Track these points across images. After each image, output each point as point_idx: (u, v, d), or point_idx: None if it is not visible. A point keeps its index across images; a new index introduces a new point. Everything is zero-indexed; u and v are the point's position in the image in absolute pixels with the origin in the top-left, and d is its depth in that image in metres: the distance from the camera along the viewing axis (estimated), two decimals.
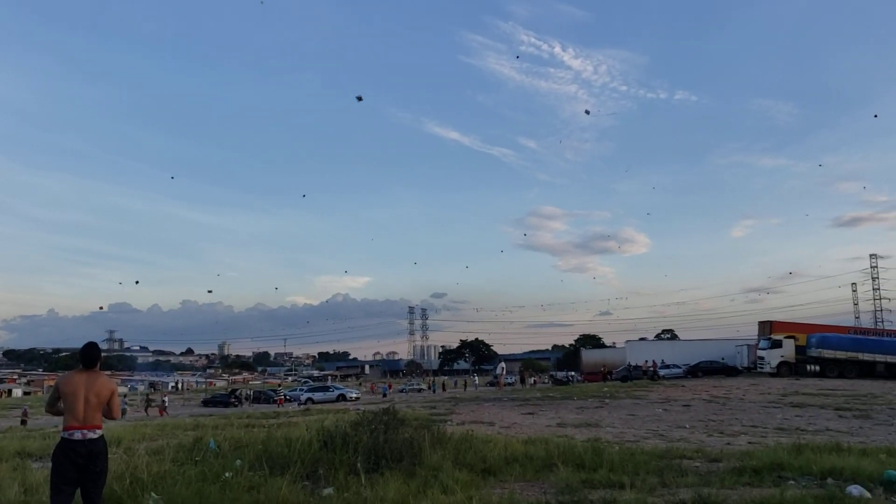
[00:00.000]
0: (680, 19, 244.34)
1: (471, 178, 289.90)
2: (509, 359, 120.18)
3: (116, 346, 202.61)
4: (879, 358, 51.34)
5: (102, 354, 6.71)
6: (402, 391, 73.66)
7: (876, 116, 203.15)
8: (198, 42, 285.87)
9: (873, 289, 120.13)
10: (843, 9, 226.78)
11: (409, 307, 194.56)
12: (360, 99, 52.01)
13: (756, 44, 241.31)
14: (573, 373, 76.38)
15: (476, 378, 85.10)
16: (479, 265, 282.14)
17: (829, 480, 9.18)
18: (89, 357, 6.53)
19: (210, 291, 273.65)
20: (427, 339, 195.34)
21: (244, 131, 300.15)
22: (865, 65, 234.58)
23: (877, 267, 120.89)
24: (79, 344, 6.81)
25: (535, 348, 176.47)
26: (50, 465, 6.40)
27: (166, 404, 46.23)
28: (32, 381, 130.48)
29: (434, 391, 67.07)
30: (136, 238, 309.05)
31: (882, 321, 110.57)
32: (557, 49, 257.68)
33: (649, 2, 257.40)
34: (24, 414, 38.48)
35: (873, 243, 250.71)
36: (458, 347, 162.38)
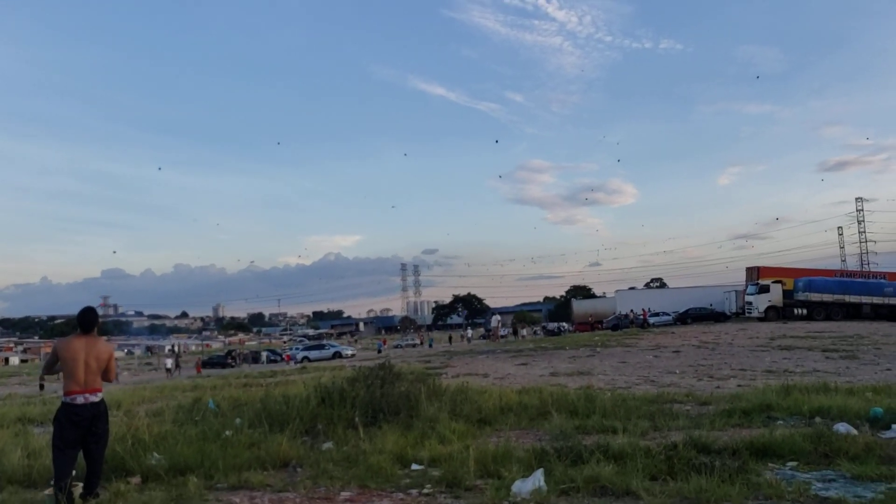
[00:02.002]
0: None
1: (458, 133, 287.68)
2: (501, 311, 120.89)
3: (111, 311, 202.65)
4: (865, 300, 52.06)
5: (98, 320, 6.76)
6: (397, 347, 74.30)
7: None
8: (183, 2, 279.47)
9: (859, 232, 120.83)
10: None
11: (402, 264, 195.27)
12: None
13: None
14: (565, 324, 77.24)
15: (470, 331, 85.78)
16: (469, 220, 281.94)
17: (817, 419, 9.41)
18: (87, 322, 6.58)
19: (218, 224, 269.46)
20: (420, 294, 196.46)
21: (229, 92, 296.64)
22: (847, 8, 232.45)
23: (862, 210, 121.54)
24: (73, 311, 6.88)
25: (526, 301, 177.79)
26: (52, 429, 6.50)
27: (168, 366, 46.33)
28: (29, 348, 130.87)
29: (430, 346, 67.66)
30: (127, 203, 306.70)
31: (868, 264, 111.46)
32: (542, 1, 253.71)
33: None
34: (42, 378, 38.50)
35: (858, 187, 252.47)
36: (451, 302, 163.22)
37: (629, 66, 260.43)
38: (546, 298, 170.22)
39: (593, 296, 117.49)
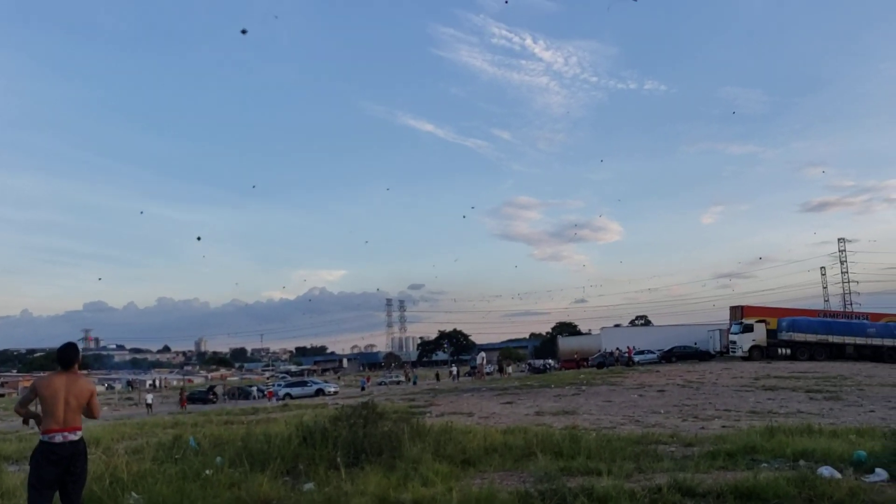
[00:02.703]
0: (648, 10, 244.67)
1: (446, 169, 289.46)
2: (487, 348, 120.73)
3: (93, 345, 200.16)
4: (848, 340, 52.35)
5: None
6: (380, 384, 73.64)
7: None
8: (169, 38, 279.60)
9: (842, 272, 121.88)
10: None
11: (387, 299, 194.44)
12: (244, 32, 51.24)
13: (723, 33, 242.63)
14: (551, 361, 76.98)
15: (455, 368, 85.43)
16: (456, 256, 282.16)
17: (801, 462, 9.41)
18: (67, 358, 6.51)
19: (199, 238, 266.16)
20: (405, 330, 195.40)
21: (217, 126, 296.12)
22: (829, 51, 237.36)
23: (844, 251, 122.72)
24: (54, 344, 6.85)
25: (512, 337, 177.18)
26: (27, 468, 6.38)
27: (149, 402, 45.61)
28: (6, 382, 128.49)
29: (415, 383, 67.16)
30: (111, 236, 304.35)
31: (850, 304, 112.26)
32: (529, 41, 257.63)
33: None
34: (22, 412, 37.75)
35: (841, 227, 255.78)
36: (437, 338, 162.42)
37: (614, 105, 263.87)
38: (532, 335, 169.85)
39: (579, 333, 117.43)
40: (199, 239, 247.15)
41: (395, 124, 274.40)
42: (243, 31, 58.00)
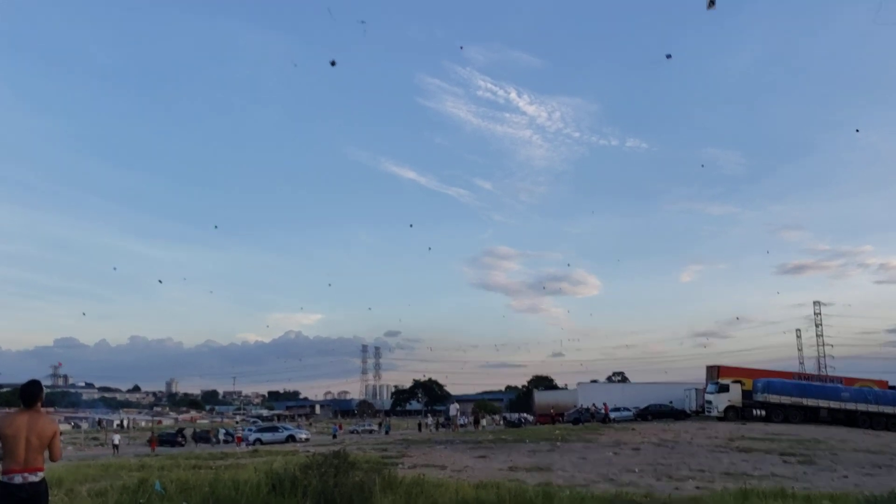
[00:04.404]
0: (629, 71, 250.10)
1: (427, 217, 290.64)
2: (462, 399, 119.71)
3: (61, 381, 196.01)
4: (823, 403, 52.48)
5: (46, 391, 6.58)
6: (353, 432, 72.64)
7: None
8: (151, 75, 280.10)
9: (817, 335, 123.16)
10: (788, 63, 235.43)
11: (363, 346, 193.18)
12: (333, 63, 51.10)
13: (704, 95, 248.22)
14: (526, 414, 76.31)
15: (430, 419, 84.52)
16: (433, 304, 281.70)
17: None
18: (30, 396, 6.40)
19: (160, 281, 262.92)
20: (380, 378, 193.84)
21: (196, 164, 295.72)
22: (806, 117, 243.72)
23: (820, 314, 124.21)
24: (21, 379, 6.70)
25: (488, 389, 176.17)
26: None
27: (115, 443, 44.58)
28: None
29: (387, 432, 66.28)
30: (86, 272, 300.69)
31: (825, 367, 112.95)
32: (513, 95, 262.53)
33: (600, 53, 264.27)
34: None
35: (816, 290, 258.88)
36: (412, 387, 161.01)
37: (596, 161, 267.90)
38: (508, 387, 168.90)
39: (555, 387, 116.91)
40: (160, 282, 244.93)
41: (378, 170, 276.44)
42: (332, 63, 56.37)
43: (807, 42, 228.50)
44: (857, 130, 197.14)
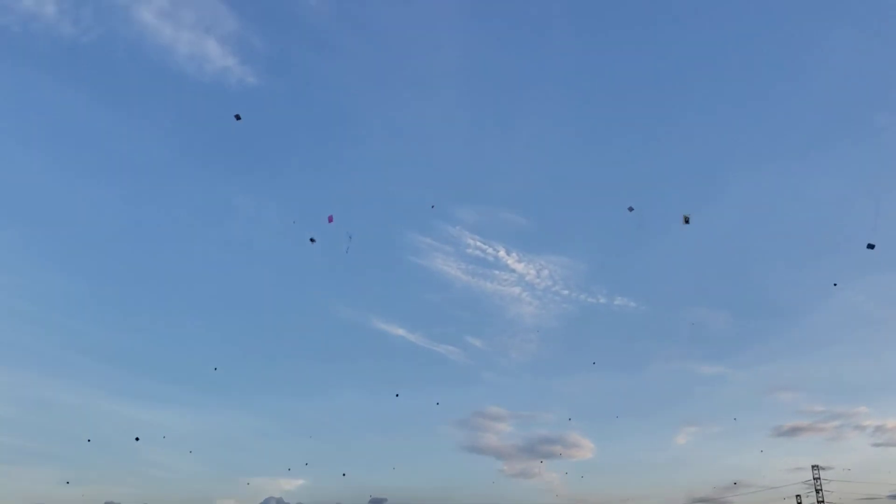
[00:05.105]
0: (614, 233, 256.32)
1: (416, 375, 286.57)
2: None
3: None
4: None
5: None
6: None
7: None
8: (149, 240, 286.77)
9: (818, 501, 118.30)
10: (772, 226, 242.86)
11: None
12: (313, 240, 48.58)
13: (688, 256, 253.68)
14: None
15: None
16: (421, 467, 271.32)
17: None
18: None
19: (137, 439, 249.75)
20: None
21: (184, 326, 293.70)
22: (792, 279, 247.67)
23: (819, 479, 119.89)
24: None
25: None
26: None
27: None
28: None
29: None
30: (60, 433, 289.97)
31: None
32: (502, 253, 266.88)
33: (586, 216, 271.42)
34: None
35: (814, 453, 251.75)
36: None
37: (585, 319, 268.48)
38: None
39: None
40: (136, 439, 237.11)
41: (366, 327, 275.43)
42: (312, 240, 53.45)
43: (787, 204, 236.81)
44: (836, 284, 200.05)
